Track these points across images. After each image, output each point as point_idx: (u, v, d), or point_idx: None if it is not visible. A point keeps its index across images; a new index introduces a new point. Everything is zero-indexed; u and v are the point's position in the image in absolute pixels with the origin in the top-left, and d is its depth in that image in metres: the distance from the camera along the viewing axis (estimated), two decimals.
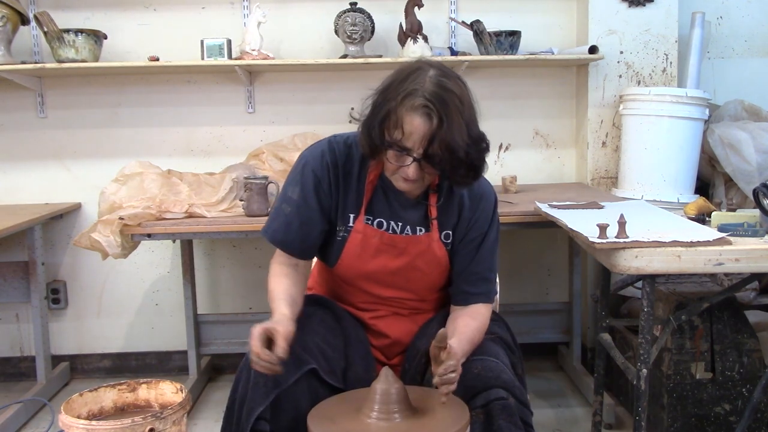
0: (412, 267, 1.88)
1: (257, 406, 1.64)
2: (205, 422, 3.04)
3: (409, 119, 1.64)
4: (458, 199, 1.88)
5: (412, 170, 1.69)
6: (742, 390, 2.54)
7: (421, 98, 1.63)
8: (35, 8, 3.35)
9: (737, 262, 1.98)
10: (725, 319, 2.54)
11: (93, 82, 3.47)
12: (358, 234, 1.85)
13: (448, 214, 1.88)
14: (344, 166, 1.85)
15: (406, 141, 1.66)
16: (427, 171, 1.71)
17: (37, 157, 3.50)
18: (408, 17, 3.27)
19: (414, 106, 1.63)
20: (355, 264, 1.88)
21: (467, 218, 1.89)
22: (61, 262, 3.56)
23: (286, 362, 1.63)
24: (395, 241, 1.86)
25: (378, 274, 1.89)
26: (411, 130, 1.64)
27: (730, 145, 3.08)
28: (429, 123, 1.63)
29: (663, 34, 3.37)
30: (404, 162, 1.69)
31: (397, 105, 1.65)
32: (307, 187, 1.83)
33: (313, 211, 1.84)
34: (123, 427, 1.74)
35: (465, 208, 1.88)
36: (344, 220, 1.86)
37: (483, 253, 1.89)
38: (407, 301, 1.95)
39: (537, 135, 3.60)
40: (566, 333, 3.54)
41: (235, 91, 3.50)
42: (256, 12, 3.21)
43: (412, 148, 1.66)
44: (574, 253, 3.40)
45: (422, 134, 1.64)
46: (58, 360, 3.56)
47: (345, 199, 1.86)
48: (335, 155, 1.85)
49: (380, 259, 1.87)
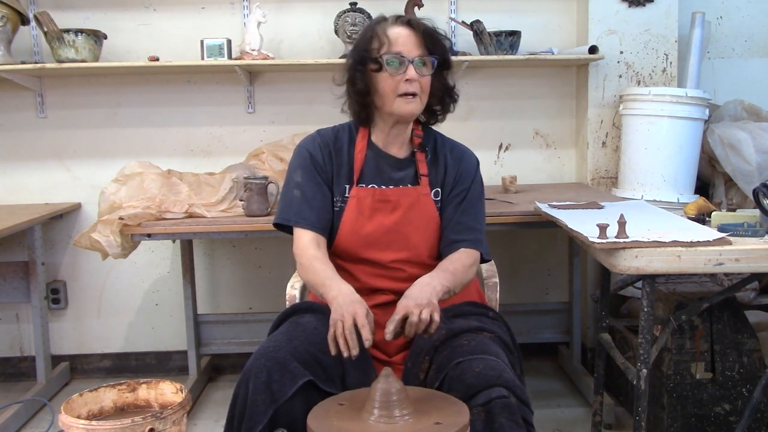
0: (406, 221, 1.98)
1: (256, 424, 1.68)
2: (205, 422, 3.04)
3: (391, 30, 1.91)
4: (443, 159, 2.05)
5: (411, 71, 1.89)
6: (742, 390, 2.54)
7: (392, 17, 1.95)
8: (35, 8, 3.35)
9: (737, 262, 1.98)
10: (725, 319, 2.54)
11: (93, 82, 3.47)
12: (353, 199, 1.99)
13: (437, 172, 2.04)
14: (334, 144, 2.03)
15: (395, 47, 1.89)
16: (421, 72, 1.91)
17: (37, 157, 3.50)
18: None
19: (391, 22, 1.93)
20: (353, 229, 1.97)
21: (452, 175, 2.04)
22: (61, 262, 3.56)
23: (282, 377, 1.70)
24: (387, 195, 1.99)
25: (375, 234, 1.97)
26: (396, 37, 1.90)
27: (730, 145, 3.08)
28: (409, 28, 1.92)
29: (663, 34, 3.37)
30: (401, 69, 1.89)
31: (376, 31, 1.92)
32: (306, 165, 2.01)
33: (318, 184, 2.00)
34: (123, 427, 1.74)
35: (449, 166, 2.05)
36: (341, 191, 2.01)
37: (467, 206, 2.03)
38: (408, 266, 1.98)
39: (537, 135, 3.60)
40: (566, 333, 3.54)
41: (235, 91, 3.50)
42: (256, 12, 3.21)
43: (403, 50, 1.89)
44: (574, 253, 3.40)
45: (407, 35, 1.90)
46: (58, 360, 3.56)
47: (339, 173, 2.01)
48: (325, 137, 2.06)
49: (376, 218, 1.98)
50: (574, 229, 2.19)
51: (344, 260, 2.01)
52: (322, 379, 1.78)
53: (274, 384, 1.70)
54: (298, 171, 2.01)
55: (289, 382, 1.71)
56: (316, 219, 1.97)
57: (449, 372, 1.73)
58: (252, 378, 1.72)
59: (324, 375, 1.79)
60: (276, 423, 1.69)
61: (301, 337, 1.82)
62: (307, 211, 1.97)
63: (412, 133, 2.06)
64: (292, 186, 2.01)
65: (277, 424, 1.69)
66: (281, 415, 1.70)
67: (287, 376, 1.71)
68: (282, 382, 1.70)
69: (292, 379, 1.71)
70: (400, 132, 2.02)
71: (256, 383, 1.71)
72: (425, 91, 1.96)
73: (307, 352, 1.79)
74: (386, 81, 1.90)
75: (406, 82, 1.90)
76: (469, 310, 1.97)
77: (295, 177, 2.01)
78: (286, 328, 1.89)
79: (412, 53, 1.89)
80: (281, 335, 1.84)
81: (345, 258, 2.01)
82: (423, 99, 1.96)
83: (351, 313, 1.69)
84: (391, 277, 1.98)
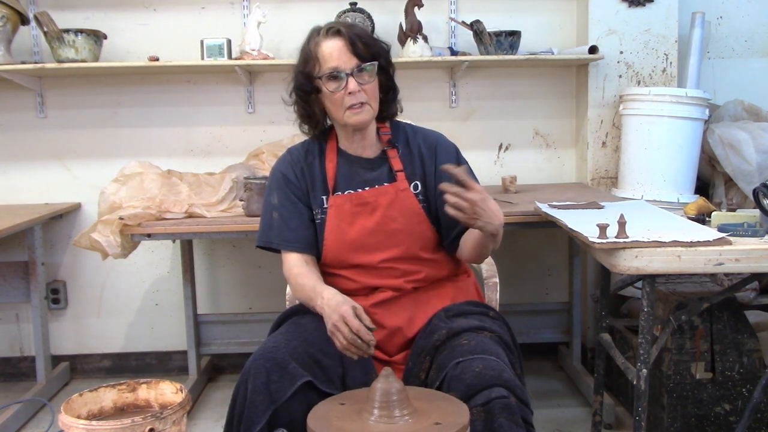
0: (389, 219, 1.97)
1: (255, 425, 1.68)
2: (205, 422, 3.03)
3: (324, 46, 1.89)
4: (417, 150, 2.04)
5: (352, 84, 1.88)
6: (742, 390, 2.54)
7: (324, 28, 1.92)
8: (35, 8, 3.35)
9: (737, 262, 1.98)
10: (725, 319, 2.54)
11: (93, 82, 3.47)
12: (332, 208, 1.99)
13: (413, 165, 2.02)
14: (305, 159, 2.05)
15: (329, 63, 1.88)
16: (362, 80, 1.90)
17: (36, 157, 3.50)
18: (408, 17, 3.27)
19: (323, 35, 1.91)
20: (338, 237, 1.96)
21: (431, 165, 2.02)
22: (61, 262, 3.56)
23: (281, 377, 1.71)
24: (364, 198, 1.99)
25: (360, 238, 1.96)
26: (329, 52, 1.88)
27: (730, 145, 3.08)
28: (337, 37, 1.89)
29: (663, 34, 3.37)
30: (341, 84, 1.88)
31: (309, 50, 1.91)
32: (281, 187, 2.02)
33: (295, 203, 2.01)
34: (123, 427, 1.74)
35: (425, 156, 2.03)
36: (318, 203, 2.01)
37: None
38: (399, 263, 1.97)
39: (537, 135, 3.60)
40: (566, 333, 3.54)
41: (234, 91, 3.50)
42: (256, 12, 3.21)
43: (338, 65, 1.88)
44: (574, 253, 3.40)
45: (339, 47, 1.88)
46: (58, 360, 3.56)
47: (314, 186, 2.02)
48: (294, 155, 2.07)
49: (358, 223, 1.97)
50: (574, 229, 2.19)
51: (336, 268, 2.01)
52: (322, 380, 1.78)
53: (273, 384, 1.71)
54: (274, 194, 2.03)
55: (287, 382, 1.71)
56: (296, 238, 1.99)
57: (449, 372, 1.73)
58: (251, 378, 1.73)
59: (323, 376, 1.79)
60: (275, 423, 1.70)
61: (300, 338, 1.83)
62: (287, 232, 1.99)
63: (378, 132, 2.05)
64: (270, 208, 2.03)
65: (277, 424, 1.70)
66: (280, 416, 1.71)
67: (286, 376, 1.72)
68: (281, 383, 1.71)
69: (290, 380, 1.72)
70: (363, 136, 2.02)
71: (255, 384, 1.72)
72: (373, 96, 1.95)
73: (306, 353, 1.79)
74: (330, 98, 1.92)
75: (350, 95, 1.90)
76: (470, 309, 1.97)
77: (272, 200, 2.02)
78: (286, 329, 1.90)
79: (349, 64, 1.88)
80: (281, 336, 1.84)
81: (336, 266, 2.00)
82: (373, 104, 1.96)
83: (341, 316, 1.70)
84: (386, 276, 1.98)
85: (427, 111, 3.49)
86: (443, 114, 3.53)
